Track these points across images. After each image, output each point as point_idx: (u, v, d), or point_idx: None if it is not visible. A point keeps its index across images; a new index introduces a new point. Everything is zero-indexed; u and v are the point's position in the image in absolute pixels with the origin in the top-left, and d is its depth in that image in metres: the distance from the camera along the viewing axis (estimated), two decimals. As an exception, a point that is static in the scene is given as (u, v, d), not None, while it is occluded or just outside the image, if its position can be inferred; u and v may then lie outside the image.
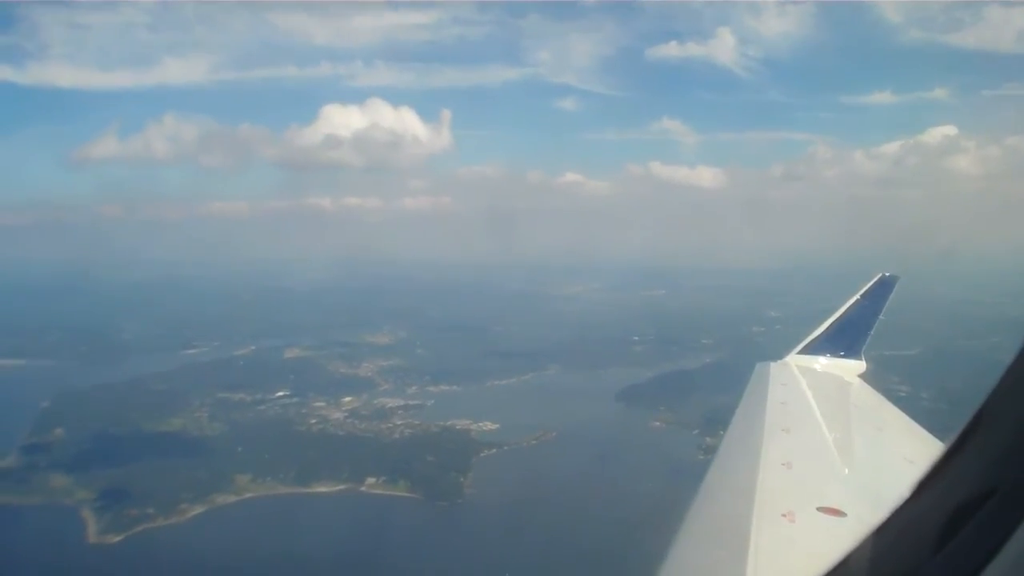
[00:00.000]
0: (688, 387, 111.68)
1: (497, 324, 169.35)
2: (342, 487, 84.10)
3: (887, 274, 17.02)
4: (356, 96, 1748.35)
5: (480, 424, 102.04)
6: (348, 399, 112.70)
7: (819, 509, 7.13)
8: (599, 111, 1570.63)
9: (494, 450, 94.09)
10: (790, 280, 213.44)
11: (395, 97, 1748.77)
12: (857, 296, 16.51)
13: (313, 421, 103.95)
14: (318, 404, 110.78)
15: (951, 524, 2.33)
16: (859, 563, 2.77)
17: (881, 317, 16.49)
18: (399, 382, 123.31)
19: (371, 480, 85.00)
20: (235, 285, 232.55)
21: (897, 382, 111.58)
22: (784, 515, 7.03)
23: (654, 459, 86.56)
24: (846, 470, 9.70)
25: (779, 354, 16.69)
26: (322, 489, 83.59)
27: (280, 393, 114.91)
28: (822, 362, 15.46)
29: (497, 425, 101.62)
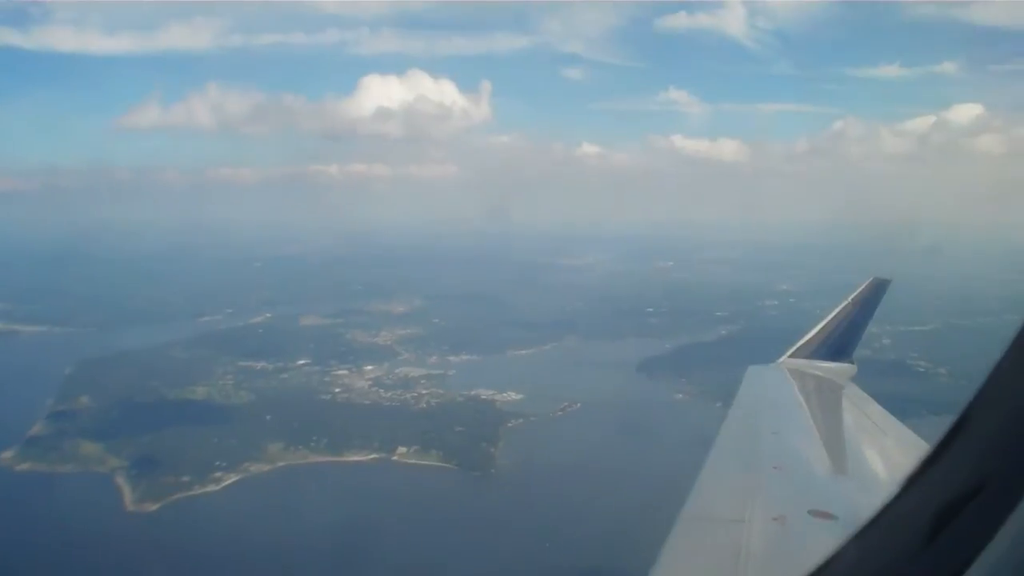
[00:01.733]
0: (707, 360, 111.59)
1: (511, 294, 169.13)
2: (374, 456, 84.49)
3: (879, 278, 16.68)
4: (363, 64, 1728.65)
5: (504, 394, 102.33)
6: (370, 368, 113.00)
7: (810, 512, 7.10)
8: (607, 81, 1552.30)
9: (521, 421, 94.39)
10: (801, 254, 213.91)
11: (402, 64, 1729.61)
12: (848, 300, 16.11)
13: (337, 390, 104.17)
14: (340, 373, 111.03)
15: (939, 520, 2.33)
16: (848, 559, 2.75)
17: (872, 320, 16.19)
18: (419, 351, 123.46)
19: (402, 449, 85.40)
20: (244, 253, 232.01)
21: (915, 357, 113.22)
22: (775, 519, 7.02)
23: (681, 431, 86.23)
24: (837, 473, 9.63)
25: (793, 327, 16.86)
26: (355, 458, 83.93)
27: (301, 361, 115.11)
28: (813, 365, 15.16)
29: (521, 396, 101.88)
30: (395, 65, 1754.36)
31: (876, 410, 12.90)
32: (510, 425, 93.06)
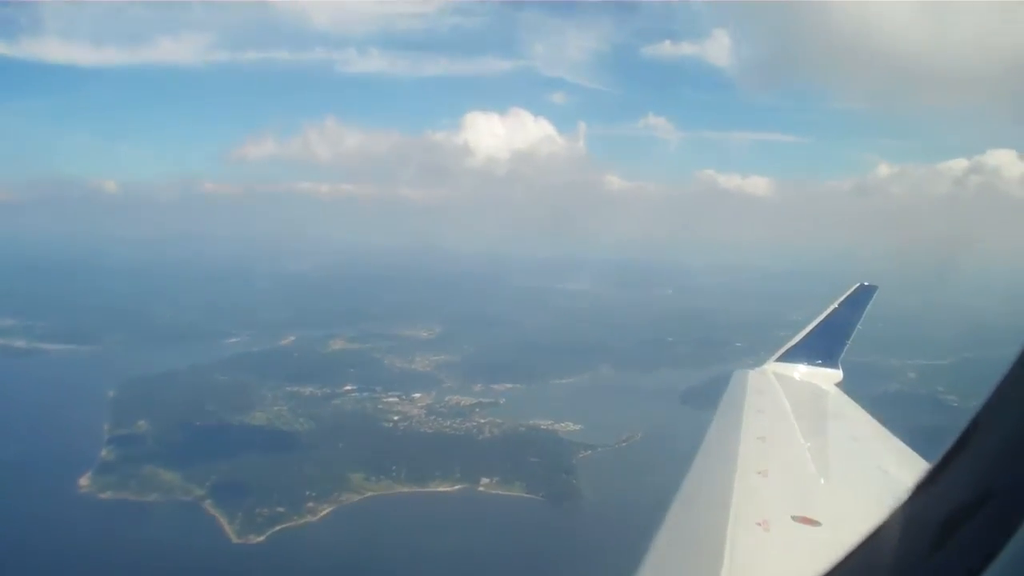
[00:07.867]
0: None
1: (524, 319, 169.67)
2: (459, 487, 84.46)
3: (865, 283, 16.89)
4: (349, 83, 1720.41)
5: (563, 424, 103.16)
6: (419, 395, 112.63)
7: (794, 518, 7.21)
8: (591, 105, 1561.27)
9: (589, 452, 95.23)
10: (796, 281, 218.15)
11: (388, 85, 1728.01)
12: (835, 305, 16.34)
13: (396, 418, 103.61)
14: (391, 400, 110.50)
15: (948, 527, 2.35)
16: (857, 563, 2.81)
17: (859, 327, 16.16)
18: (461, 379, 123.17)
19: (485, 480, 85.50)
20: (243, 268, 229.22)
21: (944, 392, 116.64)
22: (759, 524, 7.09)
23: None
24: (821, 479, 9.77)
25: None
26: (441, 489, 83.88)
27: (348, 387, 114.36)
28: (800, 370, 15.37)
29: (580, 426, 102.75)
30: (380, 85, 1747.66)
31: (861, 416, 13.09)
32: (581, 456, 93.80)
